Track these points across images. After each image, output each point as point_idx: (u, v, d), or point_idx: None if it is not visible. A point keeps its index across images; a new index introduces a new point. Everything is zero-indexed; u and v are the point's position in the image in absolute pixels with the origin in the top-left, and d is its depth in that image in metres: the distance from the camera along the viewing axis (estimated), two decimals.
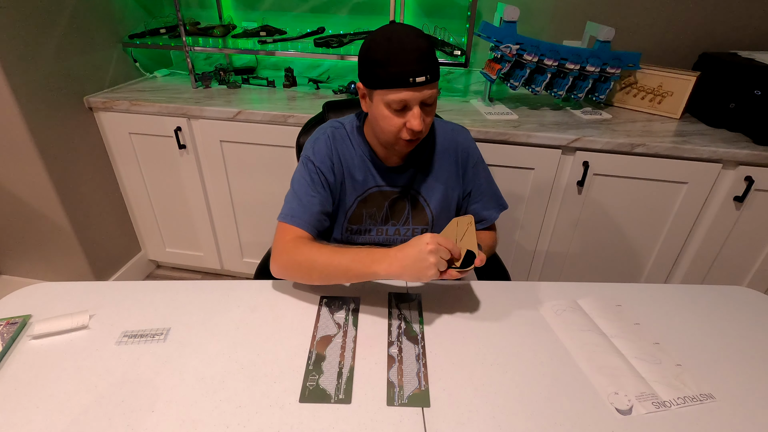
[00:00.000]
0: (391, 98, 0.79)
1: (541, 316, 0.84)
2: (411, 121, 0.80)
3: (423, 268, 0.72)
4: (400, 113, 0.81)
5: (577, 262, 1.65)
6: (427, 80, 0.77)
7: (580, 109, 1.64)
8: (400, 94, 0.78)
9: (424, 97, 0.79)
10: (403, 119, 0.81)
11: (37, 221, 1.66)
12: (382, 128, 0.85)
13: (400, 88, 0.78)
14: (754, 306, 0.89)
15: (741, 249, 1.50)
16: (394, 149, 0.89)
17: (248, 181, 1.70)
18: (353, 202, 0.97)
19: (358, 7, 1.82)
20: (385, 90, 0.79)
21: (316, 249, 0.83)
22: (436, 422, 0.63)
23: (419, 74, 0.76)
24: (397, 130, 0.83)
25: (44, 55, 1.48)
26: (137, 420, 0.62)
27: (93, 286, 0.89)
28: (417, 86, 0.77)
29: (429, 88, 0.79)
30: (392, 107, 0.80)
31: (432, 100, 0.81)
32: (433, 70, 0.79)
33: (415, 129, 0.80)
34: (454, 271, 0.75)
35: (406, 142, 0.85)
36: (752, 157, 1.33)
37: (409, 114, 0.81)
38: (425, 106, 0.81)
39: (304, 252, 0.83)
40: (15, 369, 0.70)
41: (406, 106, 0.80)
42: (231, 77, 1.83)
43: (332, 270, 0.80)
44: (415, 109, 0.80)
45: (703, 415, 0.66)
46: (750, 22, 1.61)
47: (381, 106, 0.82)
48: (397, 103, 0.79)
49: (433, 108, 0.84)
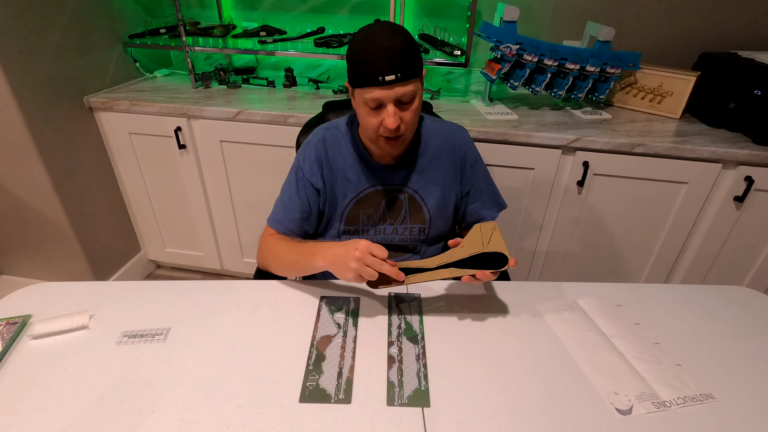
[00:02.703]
0: (366, 97, 0.80)
1: (541, 316, 0.84)
2: (385, 120, 0.81)
3: (343, 270, 0.77)
4: (376, 111, 0.82)
5: (577, 262, 1.65)
6: (398, 78, 0.78)
7: (580, 109, 1.64)
8: (372, 93, 0.79)
9: (397, 96, 0.79)
10: (380, 117, 0.82)
11: (37, 221, 1.66)
12: (364, 126, 0.87)
13: (372, 86, 0.79)
14: (754, 306, 0.89)
15: (741, 249, 1.50)
16: (382, 149, 0.90)
17: (248, 181, 1.70)
18: (349, 203, 0.97)
19: (358, 7, 1.82)
20: (360, 89, 0.81)
21: (281, 243, 0.93)
22: (436, 422, 0.63)
23: (389, 73, 0.77)
24: (375, 128, 0.84)
25: (44, 55, 1.48)
26: (137, 420, 0.62)
27: (93, 286, 0.89)
28: (387, 84, 0.78)
29: (402, 86, 0.79)
30: (369, 105, 0.82)
31: (408, 98, 0.81)
32: (407, 69, 0.78)
33: (389, 127, 0.81)
34: (488, 272, 0.77)
35: (387, 141, 0.85)
36: (752, 157, 1.33)
37: (384, 112, 0.81)
38: (402, 104, 0.81)
39: (271, 246, 0.94)
40: (15, 369, 0.70)
41: (381, 105, 0.81)
42: (231, 77, 1.83)
43: (289, 262, 0.90)
44: (389, 107, 0.80)
45: (703, 415, 0.66)
46: (750, 22, 1.61)
47: (361, 104, 0.83)
48: (371, 102, 0.81)
49: (412, 106, 0.83)
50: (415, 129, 0.89)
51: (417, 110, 0.85)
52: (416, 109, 0.84)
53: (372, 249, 0.76)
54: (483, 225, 0.87)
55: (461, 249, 0.82)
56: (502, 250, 0.78)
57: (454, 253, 0.81)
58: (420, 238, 1.01)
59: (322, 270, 0.83)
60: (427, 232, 1.01)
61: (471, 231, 0.86)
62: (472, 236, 0.84)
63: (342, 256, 0.77)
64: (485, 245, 0.80)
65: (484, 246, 0.80)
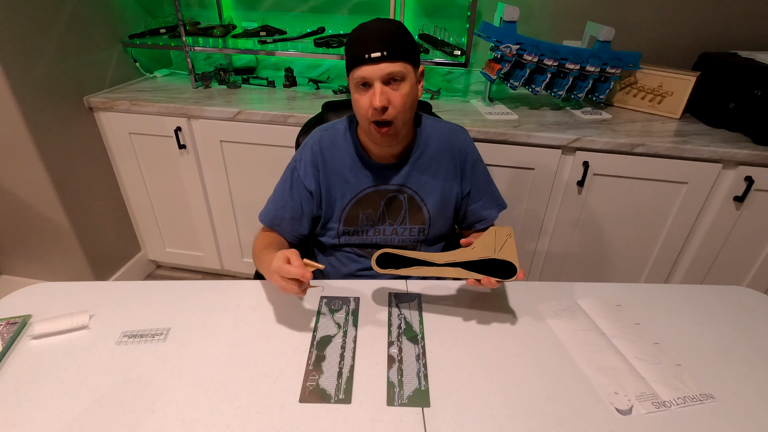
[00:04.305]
0: (355, 76, 0.82)
1: (541, 316, 0.84)
2: (372, 98, 0.81)
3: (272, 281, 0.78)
4: (365, 91, 0.83)
5: (577, 262, 1.65)
6: (384, 56, 0.79)
7: (580, 109, 1.64)
8: (359, 71, 0.81)
9: (384, 72, 0.80)
10: (369, 98, 0.82)
11: (37, 221, 1.66)
12: (357, 114, 0.87)
13: (360, 65, 0.80)
14: (754, 306, 0.89)
15: (741, 249, 1.50)
16: (375, 139, 0.89)
17: (248, 181, 1.70)
18: (348, 203, 0.97)
19: (358, 7, 1.82)
20: (351, 72, 0.83)
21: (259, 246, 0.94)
22: (436, 422, 0.63)
23: (375, 50, 0.79)
24: (365, 111, 0.84)
25: (44, 55, 1.48)
26: (137, 420, 0.62)
27: (93, 286, 0.89)
28: (373, 62, 0.79)
29: (388, 65, 0.79)
30: (358, 84, 0.83)
31: (397, 78, 0.81)
32: (394, 49, 0.79)
33: (375, 105, 0.80)
34: (494, 280, 0.76)
35: (377, 129, 0.85)
36: (752, 157, 1.33)
37: (371, 92, 0.82)
38: (391, 83, 0.82)
39: (256, 247, 0.95)
40: (15, 369, 0.70)
41: (368, 84, 0.82)
42: (231, 77, 1.83)
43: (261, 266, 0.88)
44: (375, 85, 0.81)
45: (703, 415, 0.66)
46: (750, 22, 1.61)
47: (353, 88, 0.85)
48: (359, 79, 0.82)
49: (401, 86, 0.82)
50: (406, 118, 0.86)
51: (407, 96, 0.83)
52: (406, 95, 0.83)
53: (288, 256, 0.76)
54: (499, 229, 0.86)
55: (472, 250, 0.81)
56: (513, 260, 0.77)
57: (464, 254, 0.81)
58: (420, 238, 1.01)
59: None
60: (426, 233, 1.01)
61: (486, 233, 0.86)
62: (486, 239, 0.83)
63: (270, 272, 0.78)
64: (497, 251, 0.79)
65: (496, 252, 0.79)
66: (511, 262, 0.77)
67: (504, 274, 0.77)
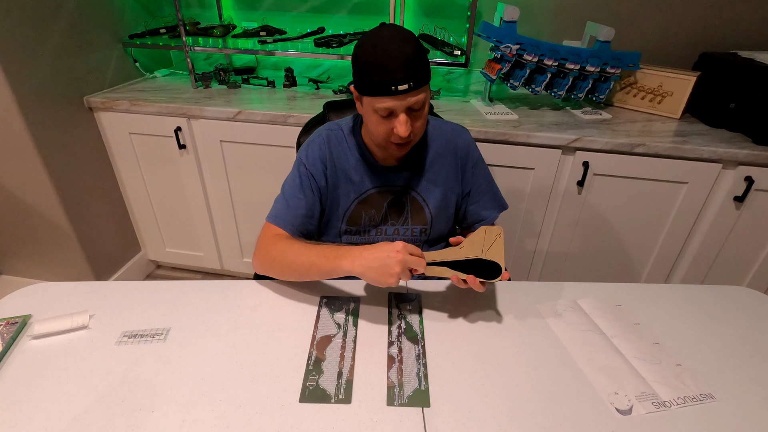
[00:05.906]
0: (378, 106, 0.80)
1: (541, 316, 0.84)
2: (397, 128, 0.81)
3: (385, 274, 0.73)
4: (387, 119, 0.82)
5: (577, 262, 1.65)
6: (411, 87, 0.77)
7: (580, 109, 1.64)
8: (385, 103, 0.79)
9: (409, 104, 0.79)
10: (391, 125, 0.82)
11: (37, 221, 1.66)
12: (372, 133, 0.86)
13: (384, 96, 0.78)
14: (754, 306, 0.89)
15: (741, 249, 1.50)
16: (391, 154, 0.90)
17: (248, 181, 1.70)
18: (351, 203, 0.97)
19: (358, 7, 1.82)
20: (371, 97, 0.80)
21: (290, 244, 0.87)
22: (436, 422, 0.63)
23: (401, 82, 0.76)
24: (385, 135, 0.84)
25: (44, 55, 1.48)
26: (137, 420, 0.62)
27: (93, 286, 0.89)
28: (400, 94, 0.78)
29: (413, 95, 0.79)
30: (379, 114, 0.81)
31: (419, 106, 0.81)
32: (418, 77, 0.78)
33: (401, 135, 0.80)
34: (478, 281, 0.76)
35: (397, 146, 0.85)
36: (752, 157, 1.33)
37: (395, 121, 0.81)
38: (413, 111, 0.81)
39: (279, 247, 0.87)
40: (15, 369, 0.70)
41: (392, 113, 0.81)
42: (231, 77, 1.83)
43: (300, 264, 0.83)
44: (401, 116, 0.80)
45: (703, 415, 0.66)
46: (750, 22, 1.61)
47: (370, 111, 0.83)
48: (382, 111, 0.80)
49: (422, 112, 0.83)
50: (422, 134, 0.89)
51: (426, 117, 0.85)
52: (426, 116, 0.85)
53: (410, 248, 0.75)
54: (489, 229, 0.86)
55: (460, 249, 0.82)
56: (499, 260, 0.77)
57: (451, 253, 0.81)
58: (421, 238, 1.01)
59: (343, 274, 0.79)
60: (428, 233, 1.01)
61: (476, 232, 0.86)
62: (475, 238, 0.83)
63: (383, 261, 0.73)
64: (484, 251, 0.79)
65: (483, 252, 0.79)
66: (497, 262, 0.77)
67: (490, 275, 0.77)
